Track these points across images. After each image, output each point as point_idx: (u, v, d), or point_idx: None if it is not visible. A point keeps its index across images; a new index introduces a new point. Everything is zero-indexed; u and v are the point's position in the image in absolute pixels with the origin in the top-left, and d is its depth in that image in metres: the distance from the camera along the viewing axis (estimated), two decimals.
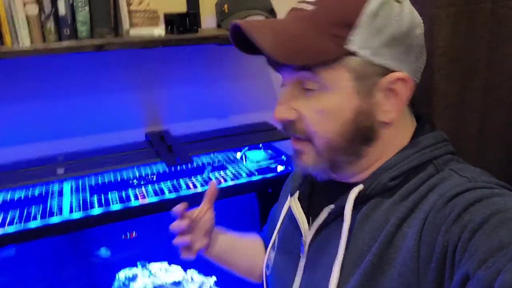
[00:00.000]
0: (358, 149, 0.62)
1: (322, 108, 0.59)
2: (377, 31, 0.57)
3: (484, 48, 0.91)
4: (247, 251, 0.94)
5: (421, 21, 0.62)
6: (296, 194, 0.74)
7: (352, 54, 0.57)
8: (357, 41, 0.56)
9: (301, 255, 0.70)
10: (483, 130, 0.97)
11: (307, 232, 0.69)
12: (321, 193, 0.72)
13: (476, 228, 0.49)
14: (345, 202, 0.62)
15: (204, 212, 0.83)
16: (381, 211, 0.60)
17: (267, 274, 0.81)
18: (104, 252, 1.46)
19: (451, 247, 0.51)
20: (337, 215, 0.65)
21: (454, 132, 0.96)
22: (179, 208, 0.80)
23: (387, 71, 0.58)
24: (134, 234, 1.44)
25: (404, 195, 0.60)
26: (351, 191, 0.62)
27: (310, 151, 0.63)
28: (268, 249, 0.81)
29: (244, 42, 0.62)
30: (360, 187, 0.62)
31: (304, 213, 0.71)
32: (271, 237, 0.90)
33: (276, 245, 0.79)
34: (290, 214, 0.76)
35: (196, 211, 0.83)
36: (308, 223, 0.70)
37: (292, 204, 0.73)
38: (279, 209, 0.86)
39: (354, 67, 0.57)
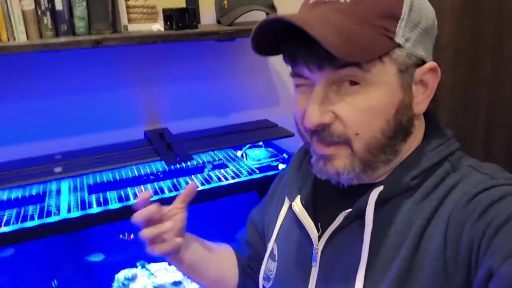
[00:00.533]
0: (397, 146, 0.60)
1: (366, 105, 0.56)
2: (416, 23, 0.57)
3: (489, 41, 0.90)
4: (219, 262, 0.85)
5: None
6: (298, 200, 0.70)
7: (399, 46, 0.56)
8: (402, 33, 0.56)
9: (313, 264, 0.66)
10: (490, 125, 0.95)
11: (317, 239, 0.66)
12: (328, 197, 0.69)
13: (501, 225, 0.49)
14: (365, 204, 0.60)
15: (176, 210, 0.73)
16: (403, 212, 0.59)
17: (266, 286, 0.76)
18: (101, 254, 1.44)
19: (476, 243, 0.50)
20: (353, 219, 0.62)
21: (460, 126, 0.94)
22: (142, 196, 0.70)
23: (421, 62, 0.58)
24: (131, 236, 1.41)
25: (425, 193, 0.58)
26: (371, 192, 0.60)
27: (345, 155, 0.59)
28: (265, 258, 0.76)
29: (266, 40, 0.59)
30: (380, 188, 0.60)
31: (311, 218, 0.68)
32: (256, 245, 0.86)
33: (276, 254, 0.75)
34: (290, 221, 0.72)
35: (168, 208, 0.73)
36: (317, 229, 0.67)
37: (297, 210, 0.69)
38: (269, 215, 0.81)
39: (399, 60, 0.56)
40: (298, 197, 0.70)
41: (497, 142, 0.96)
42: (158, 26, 1.24)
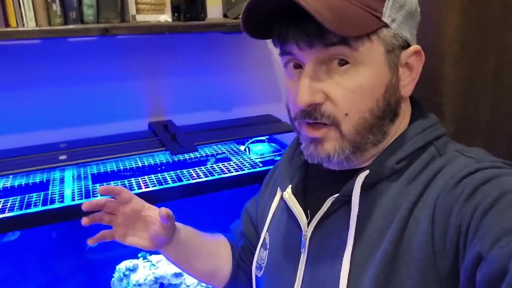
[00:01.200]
0: (385, 127, 0.61)
1: (355, 85, 0.57)
2: (401, 4, 0.58)
3: (494, 35, 0.90)
4: (212, 253, 0.85)
5: None
6: (289, 188, 0.70)
7: (386, 26, 0.57)
8: (389, 13, 0.57)
9: (301, 250, 0.67)
10: (493, 119, 0.95)
11: (307, 226, 0.66)
12: (317, 184, 0.70)
13: (488, 208, 0.49)
14: (351, 189, 0.60)
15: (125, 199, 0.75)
16: (389, 196, 0.59)
17: (259, 275, 0.76)
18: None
19: (464, 227, 0.50)
20: (341, 204, 0.63)
21: (463, 120, 0.94)
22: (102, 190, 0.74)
23: (406, 44, 0.60)
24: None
25: (410, 177, 0.59)
26: (358, 176, 0.60)
27: (334, 137, 0.59)
28: (258, 248, 0.76)
29: (257, 23, 0.60)
30: (366, 172, 0.60)
31: (300, 206, 0.68)
32: (250, 237, 0.87)
33: (268, 243, 0.75)
34: (281, 210, 0.73)
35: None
36: (306, 217, 0.67)
37: (287, 198, 0.70)
38: (262, 206, 0.82)
39: (386, 40, 0.57)
40: (290, 186, 0.70)
41: (499, 138, 0.97)
42: (165, 17, 1.25)
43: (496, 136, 0.96)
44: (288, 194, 0.70)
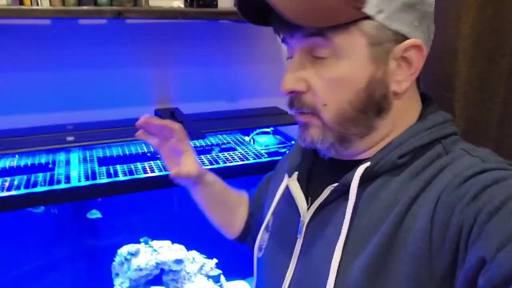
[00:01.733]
0: (370, 121, 0.59)
1: (334, 77, 0.57)
2: None
3: (509, 33, 0.90)
4: (232, 205, 0.93)
5: None
6: (295, 175, 0.71)
7: (369, 18, 0.55)
8: (374, 4, 0.54)
9: (298, 236, 0.67)
10: (504, 118, 0.95)
11: (306, 212, 0.67)
12: (321, 172, 0.70)
13: (493, 211, 0.48)
14: (351, 179, 0.60)
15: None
16: (389, 189, 0.58)
17: (259, 256, 0.77)
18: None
19: (466, 227, 0.49)
20: (340, 194, 0.63)
21: (474, 118, 0.94)
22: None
23: (401, 37, 0.56)
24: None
25: (413, 173, 0.58)
26: (358, 168, 0.60)
27: (316, 125, 0.61)
28: (261, 230, 0.77)
29: (252, 9, 0.60)
30: (366, 164, 0.59)
31: (303, 193, 0.69)
32: (258, 207, 0.90)
33: (270, 226, 0.76)
34: (286, 195, 0.73)
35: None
36: (308, 204, 0.68)
37: (291, 183, 0.70)
38: (271, 188, 0.83)
39: (369, 32, 0.55)
40: (296, 173, 0.71)
41: (509, 137, 0.97)
42: (178, 3, 1.25)
43: (506, 135, 0.97)
44: (292, 179, 0.70)
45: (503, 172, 0.52)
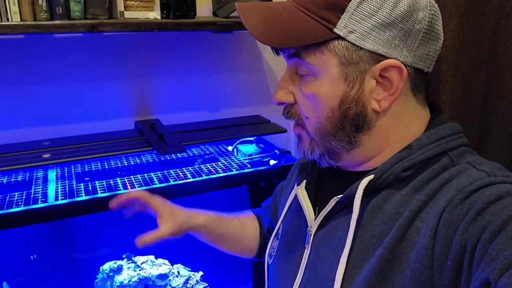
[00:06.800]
0: (350, 136, 0.61)
1: (311, 93, 0.60)
2: (368, 14, 0.55)
3: (490, 41, 0.90)
4: (237, 234, 0.94)
5: (429, 4, 0.58)
6: (303, 184, 0.72)
7: (340, 38, 0.56)
8: (344, 25, 0.55)
9: (306, 246, 0.68)
10: (488, 125, 0.95)
11: (313, 222, 0.67)
12: (329, 182, 0.71)
13: (497, 230, 0.47)
14: (355, 191, 0.60)
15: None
16: (392, 203, 0.58)
17: (269, 263, 0.79)
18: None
19: (469, 247, 0.49)
20: (345, 205, 0.63)
21: (461, 126, 0.94)
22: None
23: (380, 57, 0.56)
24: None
25: (417, 186, 0.58)
26: (362, 180, 0.60)
27: (306, 137, 0.65)
28: (271, 238, 0.80)
29: None
30: (370, 176, 0.59)
31: (311, 203, 0.69)
32: (273, 217, 0.91)
33: (280, 234, 0.78)
34: (295, 204, 0.74)
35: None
36: (315, 213, 0.68)
37: (299, 193, 0.71)
38: (284, 195, 0.85)
39: (341, 52, 0.56)
40: (304, 181, 0.72)
41: (490, 145, 0.97)
42: (154, 14, 1.22)
43: (489, 142, 0.96)
44: (301, 189, 0.72)
45: (507, 187, 0.52)
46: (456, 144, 0.61)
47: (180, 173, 1.29)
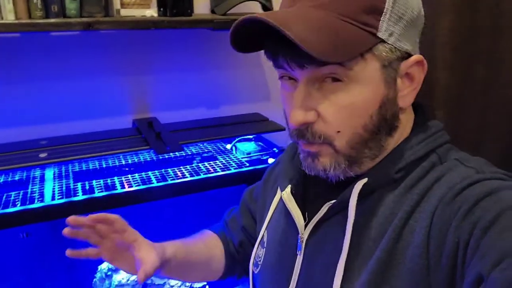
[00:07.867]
0: (382, 141, 0.59)
1: (348, 102, 0.55)
2: (400, 15, 0.55)
3: (486, 39, 0.89)
4: (204, 260, 0.85)
5: None
6: (288, 189, 0.69)
7: (383, 41, 0.54)
8: (386, 28, 0.54)
9: (297, 252, 0.67)
10: (482, 124, 0.95)
11: (303, 228, 0.66)
12: (316, 186, 0.68)
13: (488, 226, 0.47)
14: (349, 196, 0.59)
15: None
16: (386, 204, 0.58)
17: (255, 272, 0.76)
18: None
19: (462, 244, 0.49)
20: (338, 210, 0.62)
21: (454, 125, 0.93)
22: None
23: (406, 55, 0.57)
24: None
25: (408, 186, 0.58)
26: (356, 184, 0.59)
27: (328, 152, 0.58)
28: (256, 246, 0.76)
29: (246, 38, 0.57)
30: (364, 180, 0.59)
31: (299, 208, 0.67)
32: (251, 230, 0.86)
33: (265, 241, 0.75)
34: (280, 209, 0.72)
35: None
36: (304, 219, 0.66)
37: (285, 198, 0.69)
38: (263, 200, 0.81)
39: (382, 55, 0.55)
40: (289, 186, 0.69)
41: (486, 144, 0.96)
42: (151, 12, 1.21)
43: (486, 142, 0.96)
44: (287, 194, 0.69)
45: (496, 183, 0.52)
46: (442, 141, 0.61)
47: (178, 172, 1.29)
